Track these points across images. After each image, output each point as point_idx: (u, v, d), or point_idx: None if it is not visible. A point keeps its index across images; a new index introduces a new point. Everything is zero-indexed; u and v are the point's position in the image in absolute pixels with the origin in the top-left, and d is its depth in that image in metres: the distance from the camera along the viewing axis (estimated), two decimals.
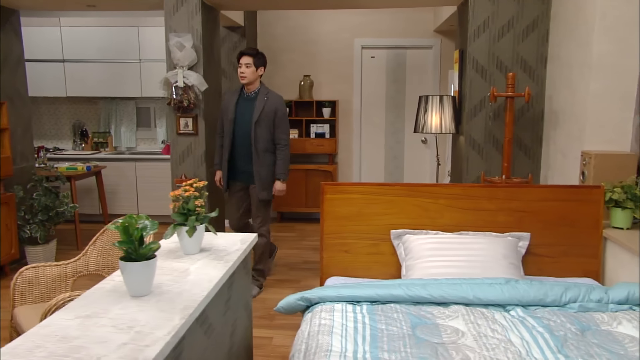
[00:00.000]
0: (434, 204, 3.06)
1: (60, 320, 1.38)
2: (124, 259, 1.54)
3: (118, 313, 1.43)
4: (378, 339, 2.15)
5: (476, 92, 4.21)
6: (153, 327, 1.33)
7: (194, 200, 1.91)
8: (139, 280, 1.53)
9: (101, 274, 3.00)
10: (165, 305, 1.47)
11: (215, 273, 1.75)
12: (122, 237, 1.52)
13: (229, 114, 4.03)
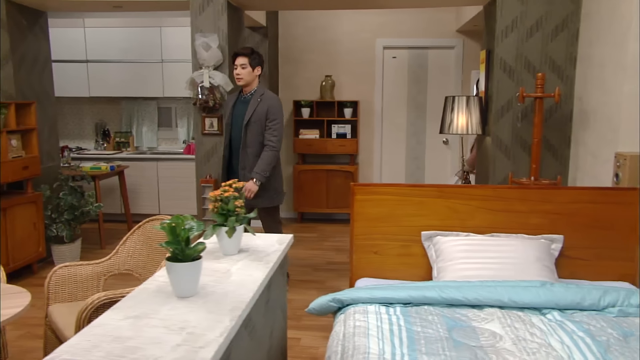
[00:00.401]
0: (465, 205, 3.03)
1: (111, 320, 1.38)
2: (171, 260, 1.54)
3: (167, 314, 1.42)
4: (415, 342, 2.13)
5: (503, 92, 4.17)
6: (204, 329, 1.33)
7: (234, 201, 1.90)
8: (185, 281, 1.53)
9: (132, 273, 3.01)
10: (213, 307, 1.47)
11: (257, 274, 1.74)
12: (168, 238, 1.52)
13: (226, 117, 3.92)
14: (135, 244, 3.01)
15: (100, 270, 2.95)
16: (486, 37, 4.48)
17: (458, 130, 4.31)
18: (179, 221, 1.49)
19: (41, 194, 4.57)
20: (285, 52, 6.64)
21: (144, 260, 2.98)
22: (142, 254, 3.00)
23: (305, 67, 6.66)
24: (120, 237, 5.84)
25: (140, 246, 3.01)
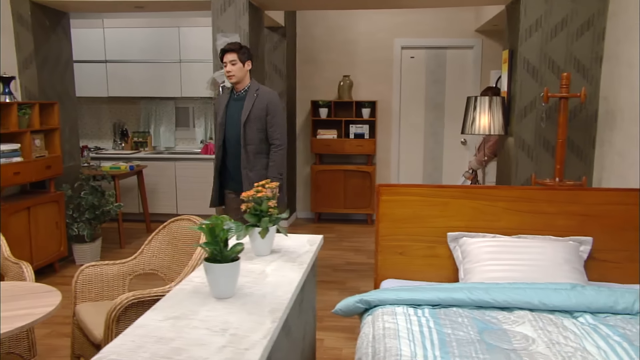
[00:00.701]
0: (492, 206, 3.00)
1: (152, 321, 1.38)
2: (209, 261, 1.53)
3: (207, 315, 1.42)
4: (447, 344, 2.11)
5: (527, 92, 4.13)
6: (247, 330, 1.32)
7: (267, 202, 1.89)
8: (223, 282, 1.52)
9: (156, 273, 3.02)
10: (253, 308, 1.46)
11: (293, 275, 1.73)
12: (207, 239, 1.51)
13: (219, 117, 3.69)
14: (160, 244, 3.02)
15: (126, 270, 2.96)
16: (509, 36, 4.44)
17: (480, 130, 4.27)
18: (218, 222, 1.48)
19: (63, 193, 4.60)
20: (303, 52, 6.64)
21: (169, 261, 2.98)
22: (166, 254, 3.00)
23: (323, 67, 6.65)
24: (138, 236, 5.88)
25: (165, 246, 3.01)
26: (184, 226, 2.92)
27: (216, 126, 3.74)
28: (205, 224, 1.51)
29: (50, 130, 4.48)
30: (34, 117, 4.23)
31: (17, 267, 2.84)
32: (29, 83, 4.54)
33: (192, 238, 2.84)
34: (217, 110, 3.77)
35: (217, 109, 3.77)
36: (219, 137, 3.67)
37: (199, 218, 2.86)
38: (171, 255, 2.98)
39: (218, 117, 3.70)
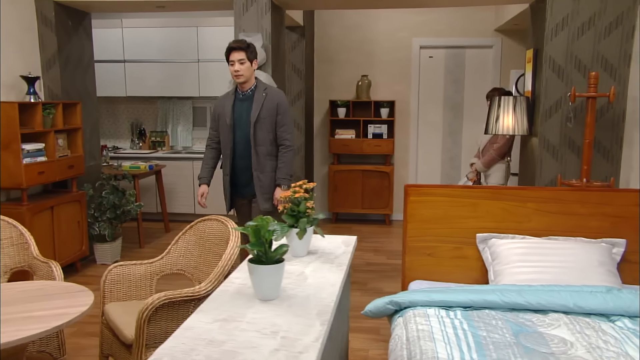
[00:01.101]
0: (521, 207, 2.96)
1: (199, 322, 1.37)
2: (254, 262, 1.51)
3: (254, 317, 1.40)
4: (483, 347, 2.08)
5: (552, 92, 4.08)
6: (297, 333, 1.30)
7: (305, 202, 1.88)
8: (268, 283, 1.51)
9: (184, 273, 3.01)
10: (299, 310, 1.44)
11: (333, 277, 1.71)
12: (252, 240, 1.50)
13: (227, 119, 3.45)
14: (186, 244, 3.01)
15: (153, 270, 2.96)
16: (533, 35, 4.39)
17: (504, 130, 4.23)
18: (263, 223, 1.47)
19: (85, 192, 4.61)
20: (320, 51, 6.62)
21: (196, 261, 2.97)
22: (193, 254, 2.99)
23: (340, 67, 6.63)
24: (157, 236, 5.89)
25: (192, 246, 3.00)
26: (211, 226, 2.91)
27: (222, 129, 3.51)
28: (250, 225, 1.49)
29: (72, 130, 4.49)
30: (57, 117, 4.24)
31: (47, 267, 2.85)
32: (51, 83, 4.56)
33: (220, 238, 2.83)
34: (219, 112, 3.53)
35: (219, 111, 3.52)
36: (229, 139, 3.48)
37: (226, 218, 2.86)
38: (198, 256, 2.97)
39: (224, 118, 3.47)
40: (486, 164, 4.84)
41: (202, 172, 3.67)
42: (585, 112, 3.79)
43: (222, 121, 3.51)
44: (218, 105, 3.55)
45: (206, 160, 3.67)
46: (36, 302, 2.25)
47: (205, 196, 3.67)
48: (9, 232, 3.04)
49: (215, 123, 3.60)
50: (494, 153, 4.78)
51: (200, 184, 3.66)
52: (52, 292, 2.37)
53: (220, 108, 3.52)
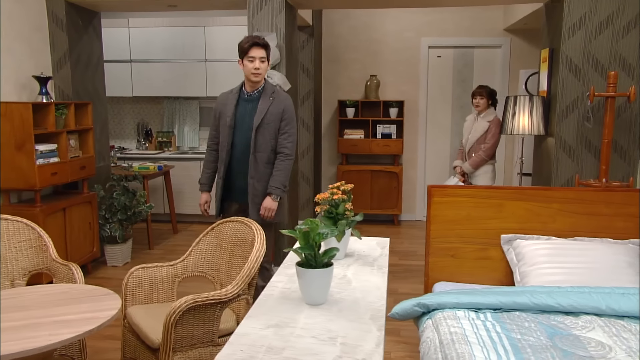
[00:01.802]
0: (546, 208, 2.94)
1: (252, 329, 1.33)
2: (302, 266, 1.48)
3: (307, 322, 1.37)
4: (521, 350, 2.05)
5: (569, 92, 4.06)
6: (356, 339, 1.27)
7: (344, 204, 1.84)
8: (317, 288, 1.47)
9: (205, 276, 2.97)
10: (351, 315, 1.41)
11: (377, 280, 1.68)
12: (300, 243, 1.46)
13: (227, 119, 3.22)
14: (208, 246, 2.97)
15: (174, 272, 2.92)
16: (548, 35, 4.37)
17: (520, 130, 4.21)
18: (313, 226, 1.44)
19: (96, 194, 4.57)
20: (328, 51, 6.59)
21: (218, 263, 2.94)
22: (215, 256, 2.95)
23: (348, 67, 6.60)
24: (165, 237, 5.84)
25: (214, 248, 2.97)
26: (234, 228, 2.88)
27: (221, 128, 3.27)
28: (299, 229, 1.46)
29: (84, 130, 4.45)
30: (69, 117, 4.20)
31: (66, 269, 2.81)
32: (62, 83, 4.52)
33: (243, 240, 2.79)
34: (221, 110, 3.28)
35: (221, 109, 3.27)
36: (227, 141, 3.23)
37: (250, 220, 2.82)
38: (220, 258, 2.93)
39: (225, 118, 3.24)
40: (475, 165, 4.80)
41: (203, 177, 3.43)
42: (603, 112, 3.78)
43: (222, 120, 3.26)
44: (220, 102, 3.30)
45: (207, 164, 3.42)
46: (63, 306, 2.21)
47: (209, 204, 3.48)
48: (27, 234, 2.99)
49: (216, 122, 3.33)
50: (483, 154, 4.76)
51: (202, 192, 3.44)
52: (78, 296, 2.33)
53: (222, 106, 3.27)
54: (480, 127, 4.82)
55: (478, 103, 4.84)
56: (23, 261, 2.96)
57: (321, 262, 1.48)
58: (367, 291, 1.58)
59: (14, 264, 2.96)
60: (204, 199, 3.47)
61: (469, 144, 4.91)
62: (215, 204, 3.45)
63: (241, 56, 3.16)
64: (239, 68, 3.18)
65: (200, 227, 6.32)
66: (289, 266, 1.83)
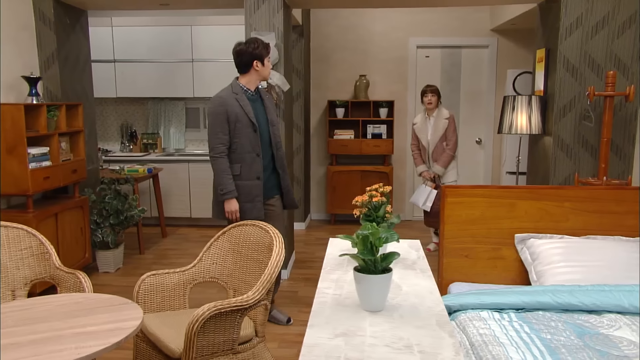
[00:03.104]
0: (558, 207, 2.95)
1: (320, 339, 1.28)
2: (362, 271, 1.43)
3: (374, 330, 1.32)
4: (555, 350, 2.04)
5: (566, 91, 4.11)
6: (432, 347, 1.23)
7: (385, 207, 1.80)
8: (377, 294, 1.43)
9: (216, 281, 2.90)
10: (415, 321, 1.37)
11: (426, 284, 1.65)
12: (359, 248, 1.42)
13: (250, 119, 3.25)
14: (219, 250, 2.90)
15: (186, 278, 2.83)
16: (543, 35, 4.41)
17: (518, 130, 4.25)
18: (375, 230, 1.39)
19: (87, 198, 4.42)
20: (316, 51, 6.54)
21: (231, 268, 2.86)
22: (227, 261, 2.88)
23: (336, 67, 6.56)
24: (154, 241, 5.71)
25: (226, 253, 2.89)
26: (248, 232, 2.81)
27: (240, 130, 3.24)
28: (358, 233, 1.41)
29: (74, 132, 4.30)
30: (60, 119, 4.05)
31: (73, 277, 2.70)
32: (50, 83, 4.36)
33: (258, 244, 2.73)
34: (236, 112, 3.22)
35: (236, 111, 3.22)
36: (254, 141, 3.27)
37: (265, 224, 2.75)
38: (233, 263, 2.86)
39: (245, 119, 3.24)
40: (445, 164, 4.88)
41: (229, 184, 3.25)
42: (599, 111, 3.83)
43: (242, 123, 3.24)
44: (229, 105, 3.21)
45: (227, 170, 3.25)
46: (82, 317, 2.10)
47: (237, 211, 3.33)
48: (28, 241, 2.86)
49: (228, 125, 3.23)
50: (451, 152, 4.86)
51: (232, 199, 3.27)
52: (94, 306, 2.23)
53: (236, 108, 3.22)
54: (440, 125, 4.89)
55: (430, 101, 4.88)
56: (24, 270, 2.84)
57: (380, 268, 1.43)
58: (422, 296, 1.55)
59: (14, 273, 2.83)
60: (235, 206, 3.29)
61: (431, 144, 4.94)
62: (254, 206, 3.33)
63: (260, 59, 3.27)
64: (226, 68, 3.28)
65: (188, 231, 6.20)
66: (330, 271, 1.78)
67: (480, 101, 6.59)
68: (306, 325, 3.53)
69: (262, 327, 2.65)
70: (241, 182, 3.31)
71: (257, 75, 3.29)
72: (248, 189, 3.31)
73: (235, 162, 3.27)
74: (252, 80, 3.30)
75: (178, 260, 5.06)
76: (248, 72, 3.28)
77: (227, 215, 3.31)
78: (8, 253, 2.81)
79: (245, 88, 3.30)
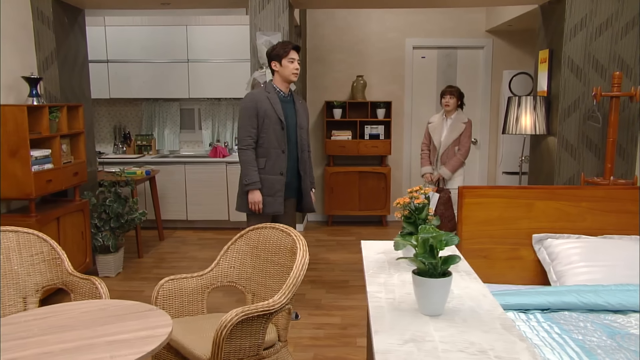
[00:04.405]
0: (576, 207, 2.96)
1: (391, 345, 1.25)
2: (421, 275, 1.41)
3: (442, 335, 1.30)
4: (591, 351, 2.04)
5: (570, 92, 4.14)
6: (508, 352, 1.20)
7: (427, 209, 1.78)
8: (437, 298, 1.40)
9: (235, 285, 2.84)
10: (480, 325, 1.35)
11: (476, 286, 1.63)
12: (419, 251, 1.39)
13: (280, 118, 3.39)
14: (237, 254, 2.84)
15: (204, 283, 2.78)
16: (546, 36, 4.45)
17: (522, 130, 4.27)
18: (437, 234, 1.36)
19: (88, 201, 4.32)
20: (313, 51, 6.51)
21: (249, 272, 2.81)
22: (246, 264, 2.83)
23: (333, 67, 6.54)
24: (152, 244, 5.62)
25: (243, 256, 2.84)
26: (267, 235, 2.76)
27: (268, 127, 3.36)
28: (417, 236, 1.38)
29: (74, 134, 4.20)
30: (61, 121, 3.95)
31: (88, 284, 2.63)
32: (49, 84, 4.25)
33: (279, 247, 2.68)
34: (265, 108, 3.34)
35: (265, 107, 3.34)
36: (281, 139, 3.40)
37: (286, 226, 2.71)
38: (252, 267, 2.81)
39: (274, 117, 3.36)
40: (454, 169, 4.67)
41: (254, 175, 3.36)
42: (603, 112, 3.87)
43: (270, 119, 3.36)
44: (260, 101, 3.35)
45: (252, 162, 3.37)
46: (109, 324, 2.04)
47: (260, 202, 3.41)
48: (39, 246, 2.78)
49: (255, 120, 3.35)
50: (461, 157, 4.65)
51: (255, 190, 3.37)
52: (120, 313, 2.17)
53: (266, 104, 3.35)
54: (456, 128, 4.66)
55: (448, 102, 4.68)
56: (35, 276, 2.75)
57: (441, 271, 1.41)
58: (476, 299, 1.53)
59: (25, 280, 2.74)
60: (259, 197, 3.38)
61: (442, 146, 4.70)
62: (274, 201, 3.45)
63: (277, 59, 3.35)
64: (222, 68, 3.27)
65: (185, 233, 6.11)
66: (374, 275, 1.75)
67: (476, 102, 6.62)
68: (319, 329, 3.52)
69: (284, 332, 2.61)
70: (265, 175, 3.42)
71: (279, 76, 3.40)
72: (271, 183, 3.41)
73: (261, 156, 3.40)
74: (279, 81, 3.43)
75: (178, 264, 4.99)
76: (273, 73, 3.43)
77: (250, 206, 3.40)
78: (19, 259, 2.73)
79: (278, 89, 3.44)
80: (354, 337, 3.40)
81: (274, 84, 3.44)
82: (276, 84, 3.43)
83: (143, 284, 4.41)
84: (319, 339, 3.39)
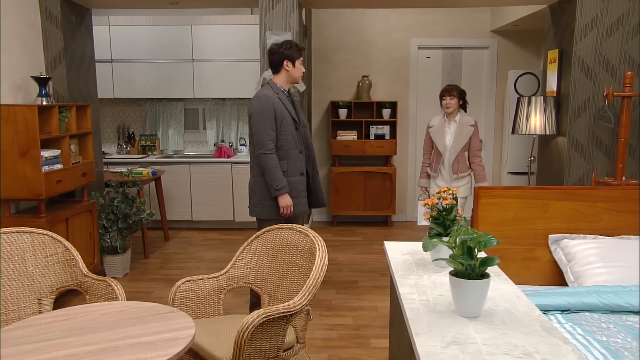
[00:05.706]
0: (592, 207, 2.95)
1: (434, 348, 1.23)
2: (459, 276, 1.39)
3: (484, 337, 1.28)
4: (617, 353, 2.03)
5: (580, 92, 4.13)
6: (554, 354, 1.19)
7: (456, 209, 1.77)
8: (475, 300, 1.39)
9: (251, 286, 2.83)
10: (520, 327, 1.33)
11: (508, 288, 1.62)
12: (457, 252, 1.38)
13: (295, 117, 3.39)
14: (253, 255, 2.83)
15: (220, 284, 2.76)
16: (555, 36, 4.44)
17: (532, 130, 4.26)
18: (476, 236, 1.35)
19: (96, 202, 4.29)
20: (317, 51, 6.49)
21: (266, 273, 2.79)
22: (262, 265, 2.81)
23: (338, 67, 6.52)
24: (157, 245, 5.59)
25: (260, 257, 2.82)
26: (283, 235, 2.75)
27: (286, 128, 3.32)
28: (453, 237, 1.37)
29: (83, 134, 4.17)
30: (70, 121, 3.93)
31: (103, 285, 2.60)
32: (57, 84, 4.23)
33: (297, 248, 2.67)
34: (281, 111, 3.31)
35: (281, 110, 3.31)
36: (298, 139, 3.39)
37: (303, 227, 2.70)
38: (268, 268, 2.79)
39: (289, 118, 3.33)
40: (485, 177, 4.20)
41: (283, 179, 3.29)
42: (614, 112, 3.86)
43: (286, 121, 3.33)
44: (276, 103, 3.29)
45: (278, 166, 3.29)
46: (131, 327, 2.02)
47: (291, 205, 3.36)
48: (53, 248, 2.76)
49: (274, 123, 3.29)
50: (482, 163, 4.21)
51: (286, 193, 3.30)
52: (140, 315, 2.15)
53: (280, 106, 3.31)
54: (464, 132, 4.18)
55: (449, 104, 4.23)
56: (50, 277, 2.73)
57: (479, 273, 1.39)
58: (510, 300, 1.51)
59: (40, 281, 2.72)
60: (290, 201, 3.33)
61: (452, 153, 4.18)
62: (299, 202, 3.43)
63: (291, 60, 3.33)
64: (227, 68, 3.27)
65: (190, 234, 6.09)
66: (403, 276, 1.74)
67: (481, 102, 6.62)
68: (332, 330, 3.50)
69: (302, 333, 2.59)
70: (288, 178, 3.35)
71: (288, 76, 3.36)
72: (294, 185, 3.37)
73: (281, 158, 3.32)
74: (284, 81, 3.38)
75: (185, 265, 4.96)
76: (280, 72, 3.36)
77: (282, 211, 3.33)
78: (33, 260, 2.71)
79: (282, 88, 3.38)
80: (367, 338, 3.38)
81: (278, 84, 3.37)
82: (280, 84, 3.37)
83: (151, 284, 4.39)
84: (332, 340, 3.37)
